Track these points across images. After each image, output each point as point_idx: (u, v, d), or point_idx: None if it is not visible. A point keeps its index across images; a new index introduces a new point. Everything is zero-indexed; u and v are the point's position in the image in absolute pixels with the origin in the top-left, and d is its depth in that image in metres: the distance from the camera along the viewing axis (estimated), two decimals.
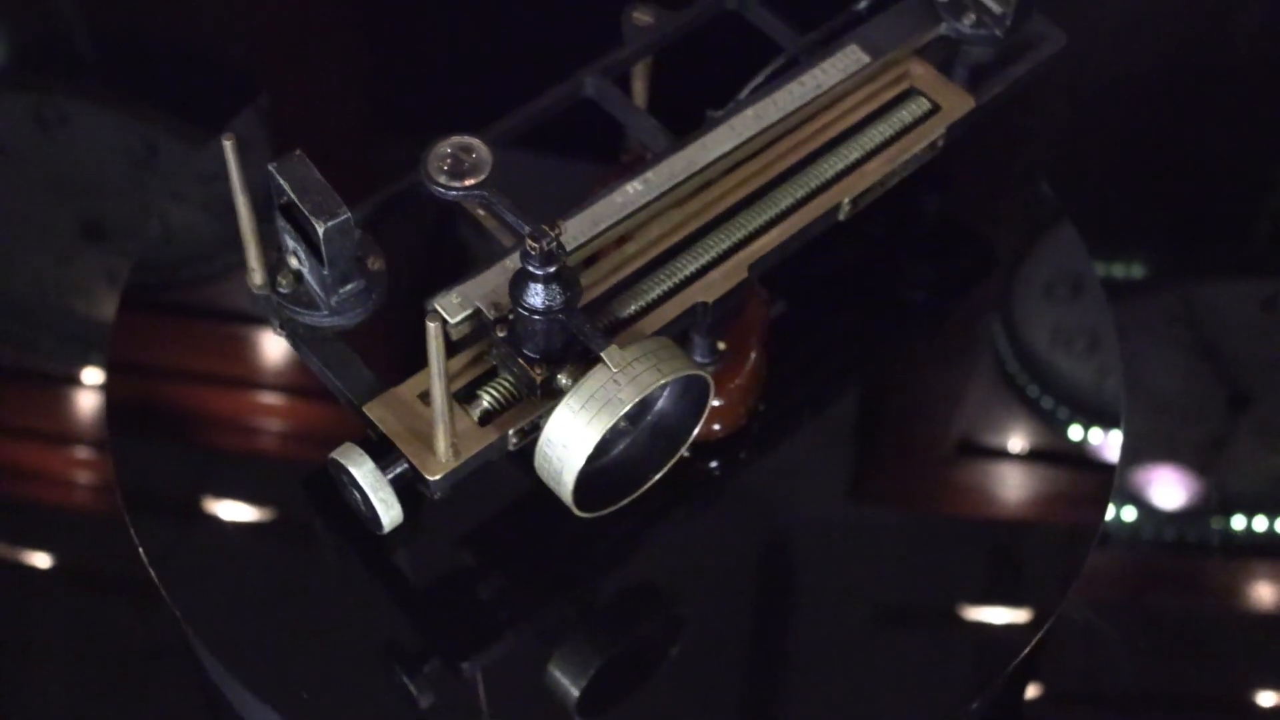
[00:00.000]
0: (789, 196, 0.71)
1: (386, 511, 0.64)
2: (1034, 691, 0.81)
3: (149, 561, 0.70)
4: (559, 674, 0.68)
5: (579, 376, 0.62)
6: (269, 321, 0.68)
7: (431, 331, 0.58)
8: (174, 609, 0.69)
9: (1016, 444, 0.78)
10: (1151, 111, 1.02)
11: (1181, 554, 0.86)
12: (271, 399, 0.78)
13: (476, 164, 0.66)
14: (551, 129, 0.73)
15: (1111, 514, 0.86)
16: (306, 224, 0.63)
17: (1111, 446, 0.77)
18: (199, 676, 0.76)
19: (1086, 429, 0.78)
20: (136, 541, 0.70)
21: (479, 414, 0.64)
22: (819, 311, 0.79)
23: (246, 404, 0.78)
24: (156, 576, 0.70)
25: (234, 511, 0.73)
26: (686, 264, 0.69)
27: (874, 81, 0.74)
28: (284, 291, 0.66)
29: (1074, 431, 0.79)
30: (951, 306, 0.80)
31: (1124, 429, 0.78)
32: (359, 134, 0.89)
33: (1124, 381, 0.80)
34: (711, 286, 0.68)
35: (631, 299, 0.68)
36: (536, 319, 0.61)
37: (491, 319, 0.64)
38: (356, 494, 0.65)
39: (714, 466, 0.73)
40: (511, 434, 0.64)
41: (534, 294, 0.61)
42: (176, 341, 0.79)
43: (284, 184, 0.63)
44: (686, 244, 0.69)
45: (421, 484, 0.64)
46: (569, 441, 0.62)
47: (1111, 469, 0.76)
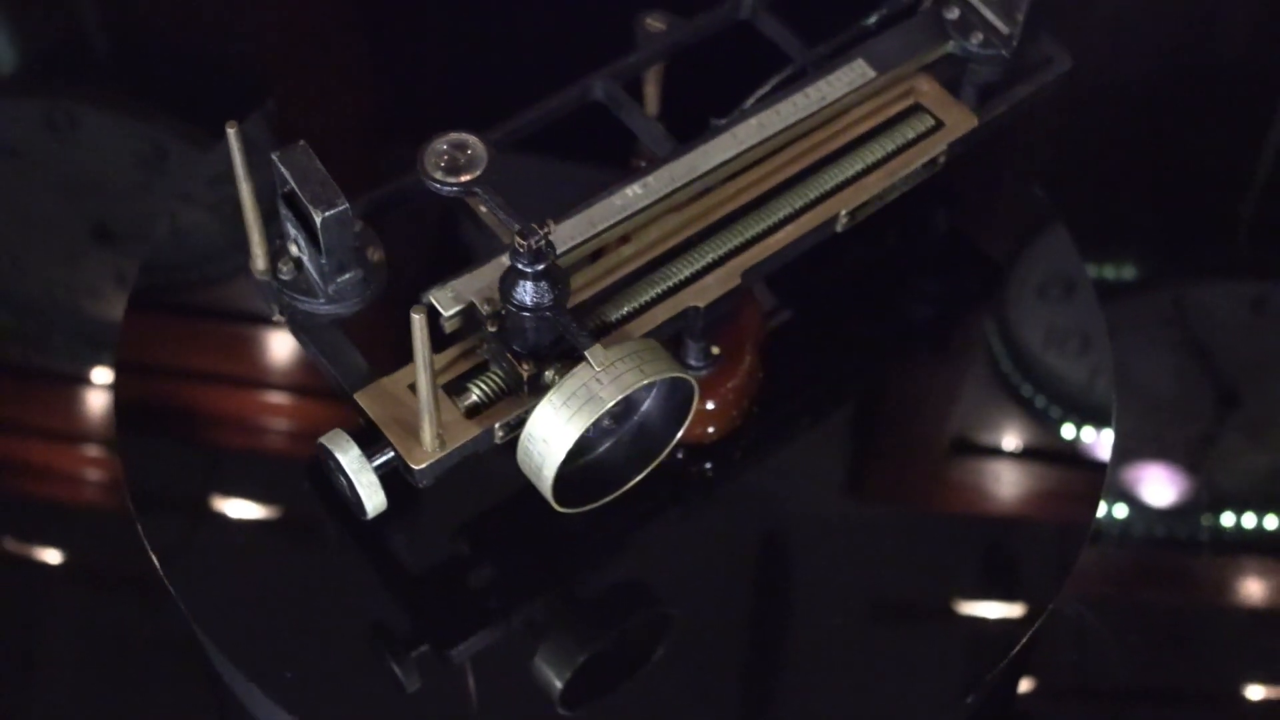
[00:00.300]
0: (787, 206, 0.71)
1: (370, 498, 0.64)
2: (1027, 685, 0.81)
3: (156, 558, 0.70)
4: (544, 666, 0.68)
5: (565, 374, 0.62)
6: (269, 306, 0.68)
7: (416, 323, 0.58)
8: (180, 605, 0.69)
9: (1010, 442, 0.78)
10: (1143, 115, 1.02)
11: (1172, 550, 0.86)
12: (277, 398, 0.78)
13: (472, 160, 0.66)
14: (566, 132, 0.73)
15: (1103, 511, 0.86)
16: (306, 213, 0.63)
17: (1103, 445, 0.77)
18: (205, 670, 0.76)
19: (1079, 428, 0.78)
20: (144, 538, 0.70)
21: (467, 406, 0.64)
22: (815, 315, 0.79)
23: (253, 403, 0.77)
24: (163, 572, 0.69)
25: (240, 509, 0.73)
26: (681, 268, 0.69)
27: (879, 96, 0.74)
28: (284, 278, 0.66)
29: (1066, 430, 0.78)
30: (947, 308, 0.80)
31: (1115, 428, 0.78)
32: (369, 135, 0.89)
33: (1115, 381, 0.79)
34: (704, 291, 0.68)
35: (625, 300, 0.68)
36: (525, 316, 0.62)
37: (484, 314, 0.64)
38: (343, 479, 0.65)
39: (708, 467, 0.73)
40: (498, 427, 0.64)
41: (523, 291, 0.61)
42: (184, 341, 0.79)
43: (286, 173, 0.63)
44: (683, 248, 0.69)
45: (407, 472, 0.64)
46: (549, 437, 0.62)
47: (1103, 467, 0.76)
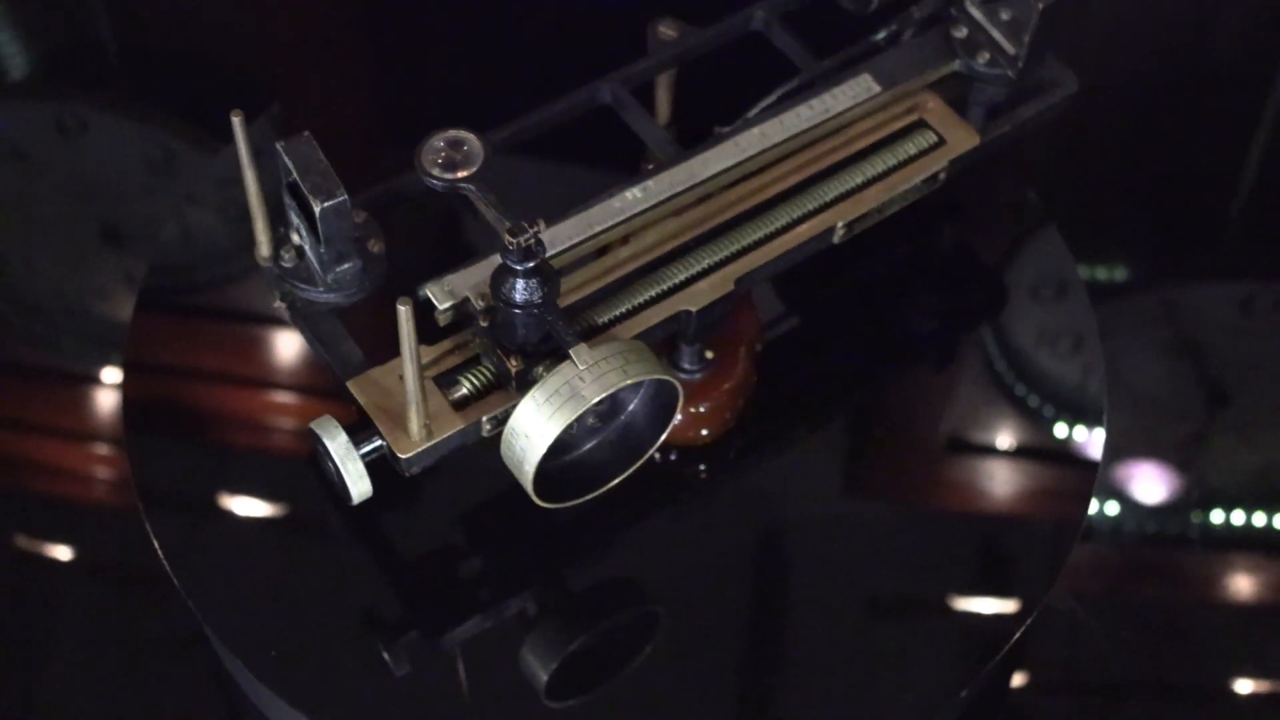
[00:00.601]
0: (784, 216, 0.70)
1: (355, 484, 0.64)
2: (1020, 680, 0.81)
3: (163, 555, 0.70)
4: (531, 657, 0.68)
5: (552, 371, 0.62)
6: (271, 292, 0.68)
7: (401, 315, 0.59)
8: (187, 600, 0.69)
9: (1004, 441, 0.77)
10: (1134, 119, 1.02)
11: (1162, 547, 0.86)
12: (283, 397, 0.78)
13: (468, 157, 0.66)
14: (581, 136, 0.73)
15: (1095, 509, 0.86)
16: (307, 203, 0.63)
17: (1095, 443, 0.77)
18: (213, 665, 0.76)
19: (1071, 426, 0.78)
20: (151, 535, 0.70)
21: (457, 399, 0.65)
22: (809, 317, 0.79)
23: (259, 402, 0.77)
24: (171, 569, 0.69)
25: (246, 506, 0.73)
26: (676, 272, 0.69)
27: (884, 111, 0.74)
28: (286, 265, 0.67)
29: (1059, 429, 0.78)
30: (941, 309, 0.80)
31: (1107, 426, 0.77)
32: (378, 136, 0.89)
33: (1107, 380, 0.79)
34: (697, 296, 0.68)
35: (619, 301, 0.68)
36: (514, 312, 0.62)
37: (478, 309, 0.64)
38: (330, 465, 0.65)
39: (702, 469, 0.73)
40: (485, 421, 0.64)
41: (512, 288, 0.61)
42: (191, 341, 0.79)
43: (289, 163, 0.63)
44: (679, 253, 0.69)
45: (395, 461, 0.64)
46: (531, 433, 0.62)
47: (1095, 465, 0.76)
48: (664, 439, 0.67)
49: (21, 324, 0.90)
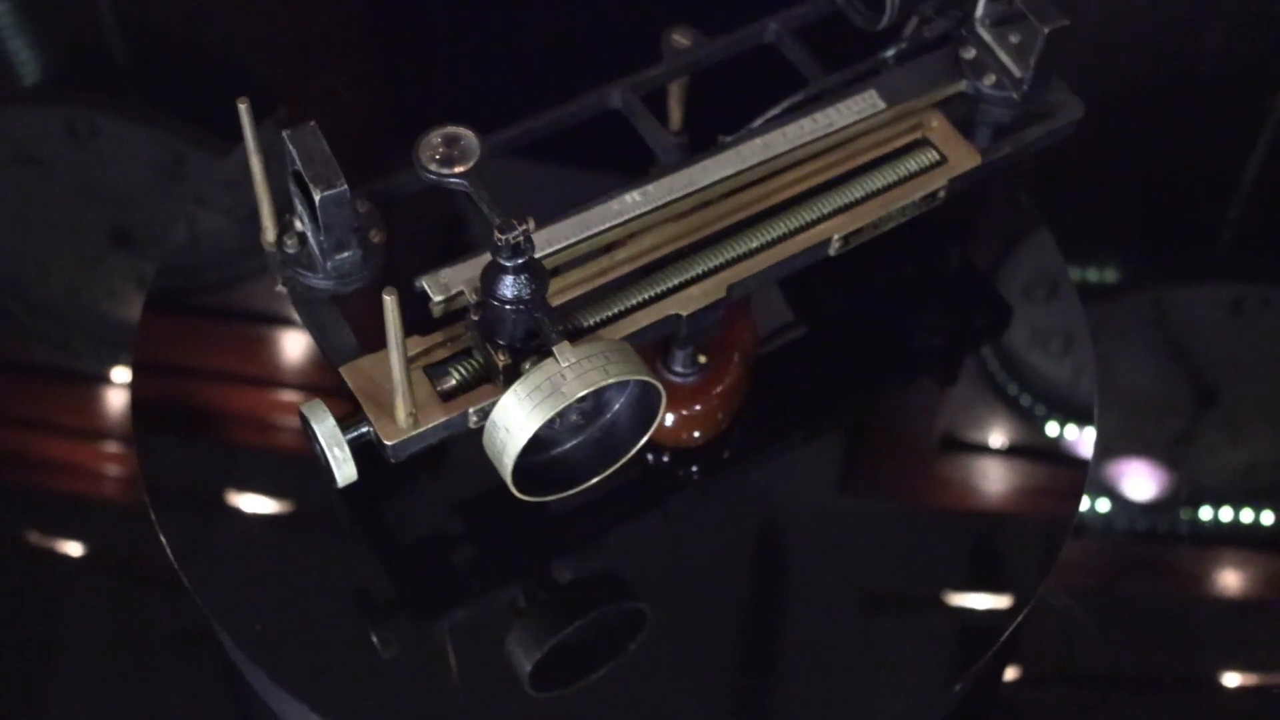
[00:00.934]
0: (781, 227, 0.70)
1: (340, 468, 0.64)
2: (1013, 673, 0.81)
3: (171, 551, 0.69)
4: (516, 647, 0.68)
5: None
6: (274, 276, 0.68)
7: (388, 304, 0.59)
8: (195, 596, 0.68)
9: (996, 440, 0.77)
10: (1124, 123, 1.02)
11: (1152, 543, 0.86)
12: (289, 396, 0.78)
13: (463, 153, 0.66)
14: (590, 142, 0.73)
15: (1086, 506, 0.86)
16: (309, 191, 0.64)
17: (1086, 442, 0.77)
18: (221, 661, 0.76)
19: (1062, 425, 0.78)
20: (160, 532, 0.70)
21: (445, 389, 0.65)
22: (803, 319, 0.78)
23: (265, 401, 0.77)
24: (179, 566, 0.69)
25: (253, 503, 0.73)
26: (670, 276, 0.68)
27: (887, 128, 0.73)
28: (289, 251, 0.67)
29: (1050, 428, 0.78)
30: (935, 310, 0.80)
31: (1097, 425, 0.77)
32: (386, 138, 0.88)
33: (1097, 380, 0.79)
34: (688, 301, 0.68)
35: (611, 302, 0.67)
36: (503, 308, 0.62)
37: (471, 302, 0.64)
38: (318, 448, 0.65)
39: (694, 470, 0.73)
40: (472, 412, 0.64)
41: (500, 284, 0.61)
42: (199, 341, 0.79)
43: (294, 152, 0.64)
44: (674, 258, 0.69)
45: (381, 448, 0.64)
46: (510, 426, 0.62)
47: (1086, 463, 0.76)
48: (649, 441, 0.67)
49: (33, 324, 0.90)
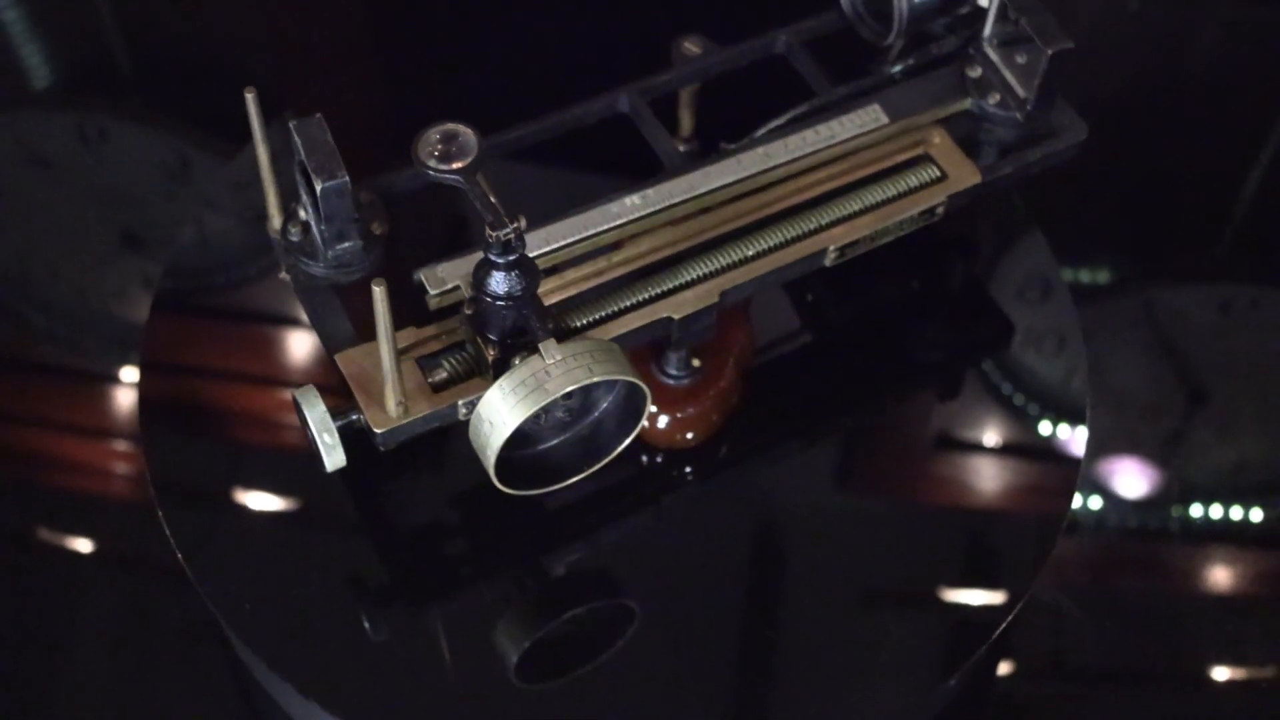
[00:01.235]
0: (777, 236, 0.70)
1: (329, 454, 0.64)
2: (1006, 668, 0.81)
3: (179, 549, 0.69)
4: (504, 637, 0.68)
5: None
6: (279, 262, 0.69)
7: (377, 295, 0.59)
8: (202, 593, 0.68)
9: (990, 438, 0.77)
10: (1117, 126, 1.02)
11: (1143, 540, 0.86)
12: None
13: (461, 150, 0.66)
14: (599, 147, 0.74)
15: (1078, 503, 0.86)
16: (311, 181, 0.64)
17: (1078, 440, 0.77)
18: (228, 657, 0.76)
19: (1055, 424, 0.78)
20: (166, 530, 0.70)
21: (436, 381, 0.65)
22: (797, 320, 0.78)
23: (271, 400, 0.77)
24: (186, 563, 0.69)
25: (259, 501, 0.73)
26: (664, 280, 0.68)
27: (890, 142, 0.73)
28: (293, 239, 0.67)
29: (1043, 426, 0.78)
30: (931, 311, 0.80)
31: (1090, 424, 0.77)
32: (394, 137, 0.88)
33: (1089, 379, 0.79)
34: (681, 304, 0.68)
35: (605, 303, 0.67)
36: (493, 303, 0.62)
37: (467, 296, 0.65)
38: (310, 433, 0.65)
39: (688, 471, 0.73)
40: (461, 404, 0.64)
41: (491, 280, 0.62)
42: (206, 341, 0.79)
43: (299, 142, 0.64)
44: (670, 262, 0.69)
45: (371, 436, 0.64)
46: (495, 420, 0.62)
47: (1078, 461, 0.76)
48: (644, 442, 0.67)
49: (43, 324, 0.90)
